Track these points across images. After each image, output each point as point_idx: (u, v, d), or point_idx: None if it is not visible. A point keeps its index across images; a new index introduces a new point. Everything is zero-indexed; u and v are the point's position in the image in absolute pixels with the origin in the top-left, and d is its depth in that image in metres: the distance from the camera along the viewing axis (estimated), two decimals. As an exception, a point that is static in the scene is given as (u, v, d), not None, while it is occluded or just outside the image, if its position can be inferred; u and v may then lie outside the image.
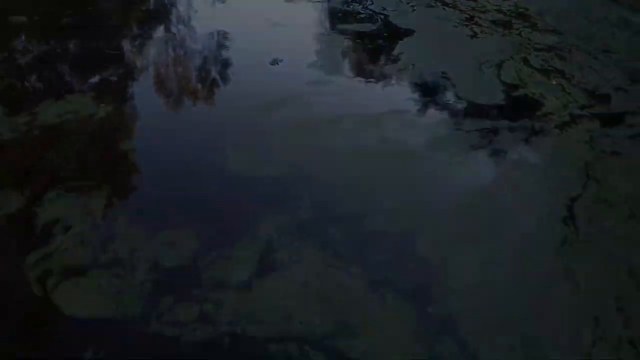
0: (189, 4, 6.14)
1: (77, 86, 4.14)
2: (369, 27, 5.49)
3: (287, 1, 6.26)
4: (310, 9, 5.96)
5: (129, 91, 4.21)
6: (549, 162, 3.58)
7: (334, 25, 5.58)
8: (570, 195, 3.23)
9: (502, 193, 3.25)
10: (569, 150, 3.68)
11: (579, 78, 4.66)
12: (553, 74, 4.73)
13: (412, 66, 4.74)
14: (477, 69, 4.71)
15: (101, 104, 3.84)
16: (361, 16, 5.74)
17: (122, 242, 2.69)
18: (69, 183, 3.07)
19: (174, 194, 3.07)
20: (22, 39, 4.84)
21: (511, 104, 4.27)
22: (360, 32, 5.39)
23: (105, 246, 2.67)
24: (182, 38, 5.36)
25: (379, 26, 5.51)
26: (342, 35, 5.31)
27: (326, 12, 5.91)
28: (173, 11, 5.92)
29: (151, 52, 4.92)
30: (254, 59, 4.68)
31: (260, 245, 2.72)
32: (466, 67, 4.75)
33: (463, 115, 4.10)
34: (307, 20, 5.71)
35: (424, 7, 6.05)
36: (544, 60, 4.98)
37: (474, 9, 6.14)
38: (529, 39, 5.41)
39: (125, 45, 4.94)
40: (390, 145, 3.61)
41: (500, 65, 4.79)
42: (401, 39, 5.22)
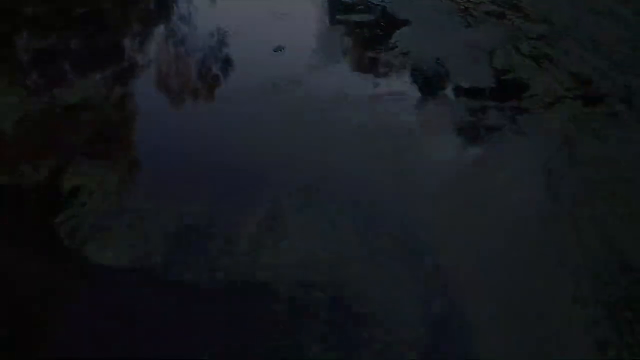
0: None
1: (91, 71, 4.45)
2: (367, 17, 5.77)
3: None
4: (311, 1, 6.25)
5: (142, 74, 4.54)
6: (532, 134, 3.91)
7: (333, 15, 5.86)
8: (548, 157, 3.64)
9: (489, 162, 3.60)
10: (551, 126, 3.98)
11: (566, 64, 4.93)
12: (541, 60, 5.01)
13: (407, 53, 5.03)
14: (470, 56, 4.99)
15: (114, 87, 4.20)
16: (360, 7, 6.02)
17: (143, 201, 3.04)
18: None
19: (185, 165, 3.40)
20: (33, 31, 5.14)
21: (501, 87, 4.55)
22: (359, 22, 5.67)
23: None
24: (192, 23, 5.70)
25: (377, 17, 5.79)
26: (341, 25, 5.59)
27: (326, 4, 6.20)
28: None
29: (162, 36, 5.29)
30: (259, 46, 4.98)
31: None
32: (459, 54, 5.02)
33: (455, 96, 4.39)
34: (308, 11, 6.01)
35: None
36: (534, 47, 5.25)
37: (468, 1, 6.41)
38: (520, 28, 5.68)
39: (134, 34, 5.26)
40: (385, 121, 3.91)
41: (492, 52, 5.07)
42: (398, 29, 5.49)
